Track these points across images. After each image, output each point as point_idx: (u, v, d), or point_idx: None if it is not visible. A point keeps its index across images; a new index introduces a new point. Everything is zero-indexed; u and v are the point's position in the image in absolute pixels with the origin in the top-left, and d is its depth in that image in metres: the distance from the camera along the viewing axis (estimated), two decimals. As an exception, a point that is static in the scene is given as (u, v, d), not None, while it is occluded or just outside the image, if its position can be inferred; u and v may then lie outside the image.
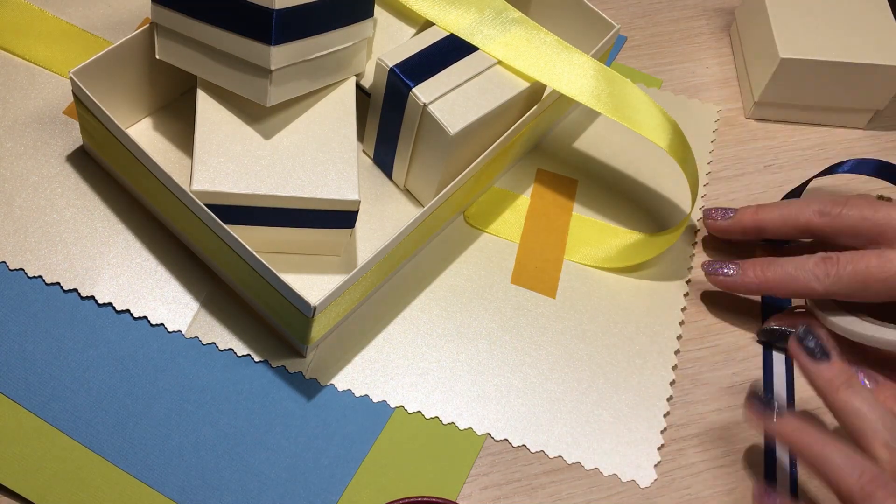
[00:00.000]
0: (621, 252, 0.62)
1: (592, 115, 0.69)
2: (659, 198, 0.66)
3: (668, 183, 0.67)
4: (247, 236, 0.52)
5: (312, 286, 0.57)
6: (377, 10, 0.61)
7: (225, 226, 0.51)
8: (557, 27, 0.67)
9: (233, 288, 0.57)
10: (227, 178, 0.53)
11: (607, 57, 0.69)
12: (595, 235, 0.63)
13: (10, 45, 0.64)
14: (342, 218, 0.55)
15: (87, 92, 0.54)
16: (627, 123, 0.58)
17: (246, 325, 0.56)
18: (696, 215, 0.66)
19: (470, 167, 0.57)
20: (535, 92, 0.61)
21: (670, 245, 0.61)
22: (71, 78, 0.55)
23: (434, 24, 0.60)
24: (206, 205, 0.52)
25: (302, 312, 0.51)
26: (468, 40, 0.59)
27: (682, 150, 0.60)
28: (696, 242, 0.65)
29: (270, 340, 0.56)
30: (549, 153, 0.67)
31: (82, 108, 0.56)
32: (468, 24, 0.60)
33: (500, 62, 0.59)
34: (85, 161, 0.60)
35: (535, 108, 0.60)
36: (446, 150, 0.57)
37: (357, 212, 0.55)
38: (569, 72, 0.59)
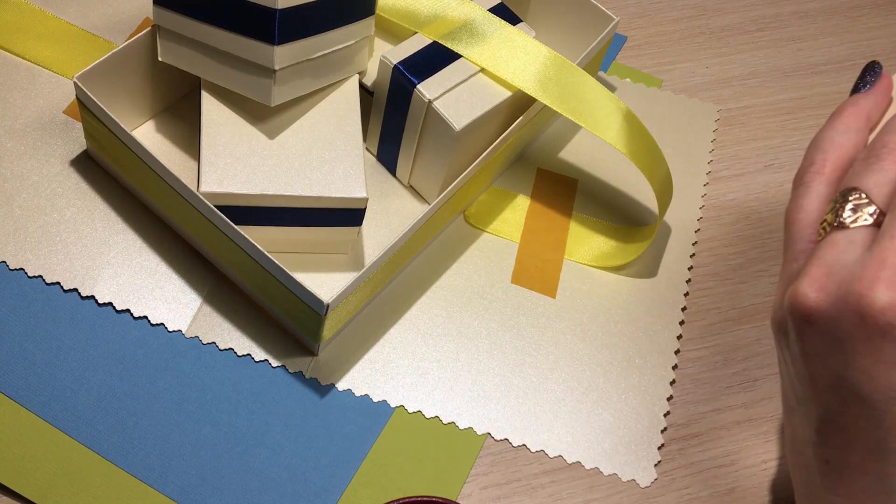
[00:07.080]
0: (621, 251, 0.62)
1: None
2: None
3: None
4: (255, 236, 0.52)
5: (321, 284, 0.57)
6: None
7: (236, 227, 0.51)
8: (557, 21, 0.67)
9: (240, 288, 0.57)
10: (235, 178, 0.53)
11: (605, 52, 0.68)
12: (595, 235, 0.63)
13: (10, 45, 0.64)
14: (350, 216, 0.55)
15: (93, 97, 0.54)
16: (571, 115, 0.57)
17: (246, 325, 0.56)
18: (695, 214, 0.66)
19: (476, 162, 0.57)
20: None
21: (652, 238, 0.61)
22: (75, 83, 0.55)
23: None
24: (215, 206, 0.52)
25: (314, 310, 0.51)
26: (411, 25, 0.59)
27: (634, 144, 0.58)
28: (696, 242, 0.65)
29: (271, 340, 0.56)
30: (549, 153, 0.67)
31: (87, 112, 0.56)
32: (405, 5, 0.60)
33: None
34: (85, 161, 0.60)
35: (538, 102, 0.60)
36: (451, 145, 0.57)
37: (364, 209, 0.55)
38: (514, 56, 0.58)
